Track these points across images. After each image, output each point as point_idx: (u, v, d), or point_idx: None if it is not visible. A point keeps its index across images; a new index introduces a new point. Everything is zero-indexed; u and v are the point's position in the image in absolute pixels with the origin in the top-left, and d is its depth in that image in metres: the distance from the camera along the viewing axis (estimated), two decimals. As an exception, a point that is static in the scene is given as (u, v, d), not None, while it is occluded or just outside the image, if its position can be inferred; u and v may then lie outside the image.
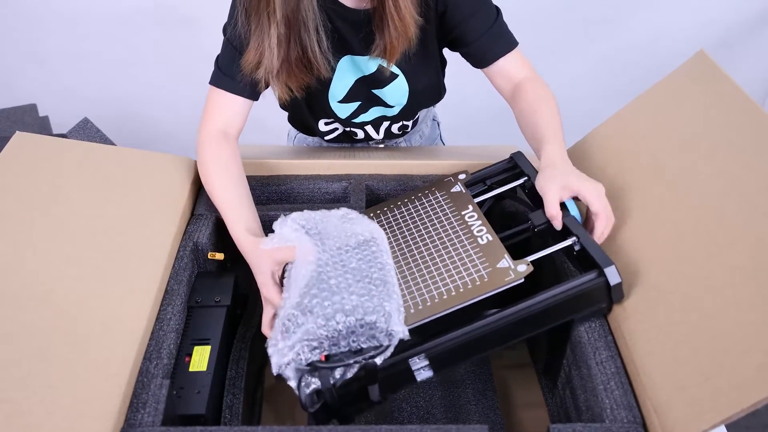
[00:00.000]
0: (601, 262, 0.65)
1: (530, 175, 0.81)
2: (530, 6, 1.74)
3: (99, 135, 0.95)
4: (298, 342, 0.61)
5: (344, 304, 0.61)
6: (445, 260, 0.72)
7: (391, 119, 1.01)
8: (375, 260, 0.69)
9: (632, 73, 1.92)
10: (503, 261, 0.68)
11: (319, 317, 0.61)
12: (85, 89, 1.90)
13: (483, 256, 0.70)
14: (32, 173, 0.77)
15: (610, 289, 0.66)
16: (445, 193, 0.83)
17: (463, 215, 0.78)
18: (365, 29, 0.84)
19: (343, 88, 0.93)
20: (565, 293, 0.65)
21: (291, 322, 0.62)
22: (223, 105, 0.87)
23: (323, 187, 0.95)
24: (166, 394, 0.62)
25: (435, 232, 0.77)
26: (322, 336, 0.60)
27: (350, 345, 0.61)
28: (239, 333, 0.80)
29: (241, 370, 0.74)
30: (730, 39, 1.85)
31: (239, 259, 0.92)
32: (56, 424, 0.55)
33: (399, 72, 0.92)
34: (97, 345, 0.63)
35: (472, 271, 0.69)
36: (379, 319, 0.61)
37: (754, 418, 1.43)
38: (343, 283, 0.64)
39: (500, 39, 0.89)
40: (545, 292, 0.65)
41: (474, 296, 0.65)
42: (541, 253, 0.70)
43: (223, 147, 0.85)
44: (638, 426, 0.58)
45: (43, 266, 0.68)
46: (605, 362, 0.64)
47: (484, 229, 0.74)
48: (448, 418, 0.79)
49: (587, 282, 0.66)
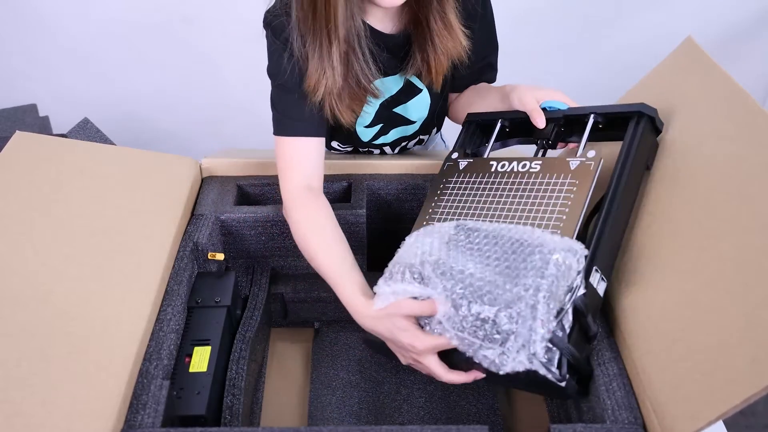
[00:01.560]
0: (631, 109, 0.71)
1: (501, 117, 0.83)
2: (530, 6, 1.74)
3: (99, 135, 0.95)
4: (527, 344, 0.57)
5: (527, 276, 0.58)
6: (530, 204, 0.70)
7: (409, 138, 1.01)
8: (486, 228, 0.66)
9: (631, 74, 1.91)
10: (572, 162, 0.70)
11: (522, 312, 0.57)
12: (85, 89, 1.89)
13: (553, 175, 0.70)
14: (32, 173, 0.77)
15: (654, 120, 0.71)
16: (458, 173, 0.81)
17: (495, 171, 0.77)
18: (402, 51, 0.84)
19: (370, 113, 0.92)
20: (633, 150, 0.69)
21: (498, 337, 0.59)
22: (297, 154, 0.82)
23: (323, 187, 0.95)
24: (166, 395, 0.62)
25: (495, 200, 0.74)
26: (539, 317, 0.57)
27: (557, 295, 0.59)
28: (239, 333, 0.80)
29: (242, 371, 0.74)
30: (730, 39, 1.85)
31: (239, 259, 0.92)
32: (56, 425, 0.55)
33: (423, 87, 0.91)
34: (97, 345, 0.63)
35: (560, 188, 0.69)
36: (561, 253, 0.59)
37: (755, 418, 1.43)
38: (490, 272, 0.61)
39: (493, 69, 0.96)
40: (621, 161, 0.68)
41: (585, 197, 0.66)
42: (582, 145, 0.72)
43: (313, 206, 0.80)
44: (639, 427, 0.58)
45: (43, 266, 0.68)
46: (607, 363, 0.64)
47: (526, 163, 0.74)
48: (448, 418, 0.79)
49: (638, 130, 0.70)
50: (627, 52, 1.86)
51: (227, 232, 0.89)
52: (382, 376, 0.85)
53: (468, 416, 0.79)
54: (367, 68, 0.79)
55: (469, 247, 0.65)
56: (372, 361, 0.87)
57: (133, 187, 0.83)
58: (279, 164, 0.83)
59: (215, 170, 0.96)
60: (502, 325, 0.58)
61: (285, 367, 0.88)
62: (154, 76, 1.90)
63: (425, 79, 0.86)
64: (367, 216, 0.91)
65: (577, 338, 0.61)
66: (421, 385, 0.83)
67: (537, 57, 1.81)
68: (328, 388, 0.83)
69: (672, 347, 0.59)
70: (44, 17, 1.76)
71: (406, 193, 0.95)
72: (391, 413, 0.80)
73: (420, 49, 0.81)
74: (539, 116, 0.76)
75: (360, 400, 0.82)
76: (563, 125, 0.78)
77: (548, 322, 0.57)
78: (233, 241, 0.90)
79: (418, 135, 1.02)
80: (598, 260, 0.65)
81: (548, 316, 0.57)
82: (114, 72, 1.89)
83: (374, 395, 0.82)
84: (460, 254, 0.65)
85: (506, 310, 0.58)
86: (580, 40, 1.86)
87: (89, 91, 1.90)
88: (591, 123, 0.74)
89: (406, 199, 0.95)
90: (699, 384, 0.54)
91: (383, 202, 0.96)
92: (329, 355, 0.88)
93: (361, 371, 0.86)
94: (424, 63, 0.82)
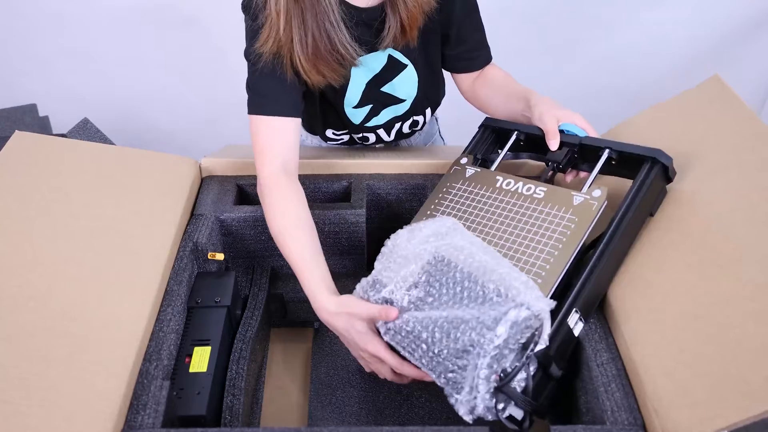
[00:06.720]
0: (646, 153, 0.70)
1: (518, 128, 0.84)
2: (529, 6, 1.74)
3: (99, 135, 0.95)
4: (475, 383, 0.58)
5: (484, 322, 0.59)
6: (526, 230, 0.70)
7: (402, 118, 1.01)
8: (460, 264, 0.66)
9: (631, 74, 1.92)
10: (576, 197, 0.69)
11: (476, 349, 0.58)
12: (85, 89, 1.89)
13: (554, 206, 0.70)
14: (32, 173, 0.77)
15: (667, 170, 0.71)
16: (464, 180, 0.81)
17: (500, 187, 0.76)
18: (378, 21, 0.85)
19: (356, 92, 0.93)
20: (640, 196, 0.69)
21: (455, 373, 0.60)
22: (273, 134, 0.83)
23: (323, 187, 0.95)
24: (166, 396, 0.62)
25: (492, 216, 0.74)
26: (488, 363, 0.58)
27: (512, 350, 0.59)
28: (239, 333, 0.80)
29: (242, 371, 0.74)
30: (730, 39, 1.85)
31: (239, 259, 0.92)
32: (56, 426, 0.55)
33: (408, 62, 0.92)
34: (97, 346, 0.63)
35: (558, 222, 0.68)
36: (520, 311, 0.59)
37: (755, 418, 1.43)
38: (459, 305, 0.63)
39: (485, 47, 0.95)
40: (625, 205, 0.68)
41: (579, 238, 0.66)
42: (590, 179, 0.72)
43: (287, 191, 0.81)
44: (639, 428, 0.58)
45: (43, 266, 0.68)
46: (606, 364, 0.64)
47: (531, 186, 0.74)
48: (448, 419, 0.79)
49: (648, 176, 0.69)
50: (626, 53, 1.86)
51: (227, 232, 0.89)
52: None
53: (468, 416, 0.79)
54: (338, 28, 0.80)
55: (440, 282, 0.66)
56: (372, 361, 0.87)
57: (132, 187, 0.82)
58: (255, 146, 0.84)
59: (215, 170, 0.96)
60: (450, 371, 0.60)
61: (285, 367, 0.88)
62: (154, 76, 1.90)
63: (401, 40, 0.86)
64: (367, 216, 0.91)
65: (539, 383, 0.62)
66: (421, 385, 0.83)
67: (535, 57, 1.81)
68: (328, 388, 0.83)
69: (680, 354, 0.60)
70: (44, 17, 1.76)
71: (406, 193, 0.95)
72: (391, 413, 0.80)
73: (392, 10, 0.82)
74: (554, 138, 0.78)
75: (360, 400, 0.81)
76: (577, 152, 0.78)
77: (488, 381, 0.59)
78: (233, 241, 0.90)
79: (411, 116, 1.02)
80: (579, 303, 0.65)
81: (490, 375, 0.58)
82: (114, 72, 1.89)
83: (374, 395, 0.82)
84: (431, 287, 0.66)
85: (454, 359, 0.60)
86: (578, 40, 1.86)
87: (89, 91, 1.90)
88: (604, 158, 0.74)
89: (406, 199, 0.95)
90: (708, 393, 0.55)
91: (383, 202, 0.96)
92: (329, 355, 0.88)
93: (361, 371, 0.86)
94: (398, 23, 0.83)
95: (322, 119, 1.00)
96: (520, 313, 0.58)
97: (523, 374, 0.59)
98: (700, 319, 0.60)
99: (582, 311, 0.65)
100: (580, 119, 0.79)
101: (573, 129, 0.78)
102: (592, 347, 0.67)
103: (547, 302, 0.60)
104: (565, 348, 0.65)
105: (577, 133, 0.78)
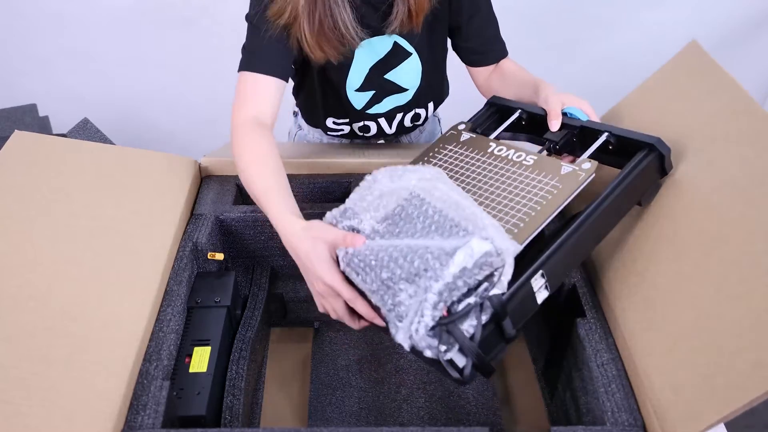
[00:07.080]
0: (645, 139, 0.71)
1: (521, 107, 0.84)
2: (529, 6, 1.74)
3: (99, 135, 0.95)
4: (421, 308, 0.55)
5: (444, 248, 0.56)
6: (508, 191, 0.70)
7: (404, 108, 1.01)
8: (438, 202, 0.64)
9: (630, 74, 1.91)
10: (564, 167, 0.69)
11: (429, 272, 0.56)
12: (85, 89, 1.89)
13: (542, 173, 0.70)
14: (31, 173, 0.77)
15: (663, 160, 0.71)
16: (457, 143, 0.81)
17: (491, 152, 0.76)
18: (385, 5, 0.85)
19: (360, 75, 0.94)
20: (629, 179, 0.68)
21: (401, 300, 0.57)
22: (254, 89, 0.83)
23: (323, 186, 0.95)
24: (166, 396, 0.62)
25: (478, 177, 0.74)
26: (439, 289, 0.55)
27: (467, 284, 0.56)
28: (239, 333, 0.80)
29: (242, 371, 0.74)
30: (730, 39, 1.85)
31: (239, 259, 0.92)
32: (56, 426, 0.55)
33: (413, 50, 0.93)
34: (97, 346, 0.63)
35: (542, 186, 0.68)
36: (483, 244, 0.56)
37: (755, 417, 1.43)
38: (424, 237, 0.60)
39: (499, 42, 0.95)
40: (612, 185, 0.68)
41: (560, 203, 0.65)
42: (583, 157, 0.72)
43: (258, 137, 0.79)
44: (639, 429, 0.58)
45: (42, 266, 0.68)
46: (606, 365, 0.64)
47: (522, 153, 0.74)
48: (448, 419, 0.79)
49: (642, 162, 0.69)
50: (625, 52, 1.86)
51: (227, 231, 0.89)
52: (382, 376, 0.85)
53: (468, 417, 0.79)
54: (342, 7, 0.80)
55: (411, 215, 0.64)
56: (372, 361, 0.87)
57: (133, 187, 0.83)
58: (236, 99, 0.83)
59: (214, 169, 0.96)
60: (398, 296, 0.58)
61: (285, 367, 0.88)
62: (154, 76, 1.90)
63: (408, 25, 0.86)
64: (367, 216, 0.91)
65: (489, 336, 0.58)
66: (421, 385, 0.83)
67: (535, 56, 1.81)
68: (328, 388, 0.83)
69: (673, 349, 0.59)
70: (44, 17, 1.76)
71: (406, 193, 0.95)
72: (391, 413, 0.80)
73: None
74: (556, 119, 0.78)
75: (360, 400, 0.81)
76: (576, 135, 0.78)
77: (435, 309, 0.55)
78: (233, 241, 0.90)
79: (413, 107, 1.02)
80: (547, 267, 0.62)
81: (438, 303, 0.55)
82: (114, 72, 1.89)
83: (374, 395, 0.82)
84: (402, 220, 0.64)
85: (405, 283, 0.57)
86: (578, 40, 1.86)
87: (89, 91, 1.90)
88: (602, 140, 0.74)
89: (406, 199, 0.95)
90: (701, 386, 0.54)
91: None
92: (329, 355, 0.88)
93: (361, 371, 0.86)
94: (406, 7, 0.84)
95: (323, 104, 1.00)
96: (483, 246, 0.56)
97: (473, 320, 0.56)
98: (690, 310, 0.60)
99: (549, 278, 0.63)
100: (587, 105, 0.80)
101: (577, 113, 0.79)
102: (592, 347, 0.67)
103: (513, 243, 0.59)
104: (523, 310, 0.62)
105: (579, 117, 0.78)
